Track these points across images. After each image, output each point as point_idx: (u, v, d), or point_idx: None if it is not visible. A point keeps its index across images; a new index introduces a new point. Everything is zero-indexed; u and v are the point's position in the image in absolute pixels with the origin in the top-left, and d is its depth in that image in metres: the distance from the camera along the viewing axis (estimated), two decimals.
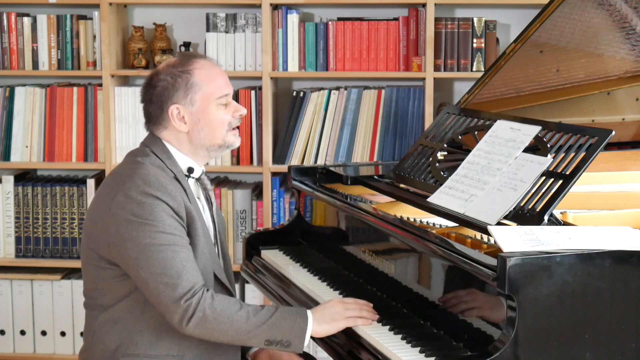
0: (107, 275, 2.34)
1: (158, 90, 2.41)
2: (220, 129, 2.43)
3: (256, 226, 3.99)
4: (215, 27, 3.97)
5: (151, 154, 2.40)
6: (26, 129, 4.03)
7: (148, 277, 2.25)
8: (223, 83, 2.44)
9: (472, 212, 2.40)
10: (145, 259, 2.25)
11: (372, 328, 2.29)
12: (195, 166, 2.46)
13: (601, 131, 2.37)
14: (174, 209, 2.30)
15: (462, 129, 2.79)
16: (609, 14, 2.91)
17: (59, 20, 4.00)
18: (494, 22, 3.90)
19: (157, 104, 2.42)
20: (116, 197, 2.30)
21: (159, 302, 2.26)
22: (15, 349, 4.11)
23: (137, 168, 2.34)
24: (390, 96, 3.94)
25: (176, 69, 2.41)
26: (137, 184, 2.30)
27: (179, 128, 2.41)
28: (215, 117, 2.42)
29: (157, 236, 2.26)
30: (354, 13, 4.06)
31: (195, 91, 2.40)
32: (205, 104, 2.41)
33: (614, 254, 2.01)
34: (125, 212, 2.27)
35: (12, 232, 4.04)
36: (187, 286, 2.24)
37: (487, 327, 2.07)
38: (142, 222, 2.26)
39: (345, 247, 2.79)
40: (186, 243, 2.31)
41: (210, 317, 2.23)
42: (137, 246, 2.26)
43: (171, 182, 2.35)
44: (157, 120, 2.43)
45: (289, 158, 3.96)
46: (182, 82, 2.40)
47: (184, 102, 2.40)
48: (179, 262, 2.26)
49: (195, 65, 2.42)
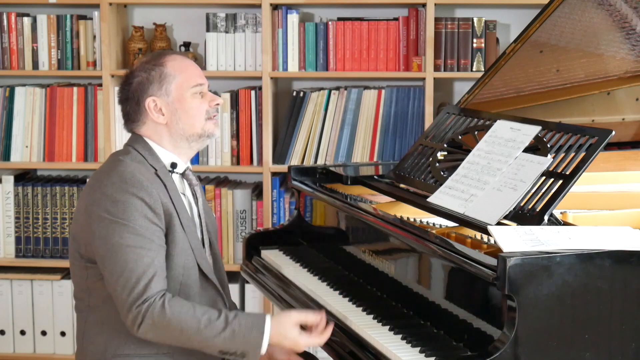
0: (91, 275, 2.35)
1: (133, 86, 2.42)
2: (198, 118, 2.44)
3: (256, 226, 3.99)
4: (215, 27, 3.97)
5: (132, 151, 2.41)
6: (26, 129, 4.03)
7: (109, 276, 2.26)
8: (196, 73, 2.46)
9: (472, 212, 2.40)
10: (109, 258, 2.25)
11: (372, 328, 2.29)
12: (179, 161, 2.46)
13: (601, 131, 2.37)
14: (150, 205, 2.29)
15: (462, 129, 2.79)
16: (609, 14, 2.91)
17: (59, 20, 4.00)
18: (494, 22, 3.90)
19: (133, 100, 2.43)
20: (93, 194, 2.31)
21: (117, 303, 2.26)
22: (15, 349, 4.11)
23: (116, 165, 2.35)
24: (390, 96, 3.94)
25: (149, 64, 2.43)
26: (113, 181, 2.30)
27: (157, 120, 2.42)
28: (191, 105, 2.43)
29: (126, 236, 2.25)
30: (354, 13, 4.06)
31: (170, 81, 2.41)
32: (181, 93, 2.42)
33: (614, 254, 2.01)
34: (99, 209, 2.28)
35: (12, 232, 4.05)
36: (142, 292, 2.22)
37: (487, 327, 2.07)
38: (113, 220, 2.26)
39: (345, 247, 2.79)
40: (156, 247, 2.29)
41: (159, 324, 2.22)
42: (105, 244, 2.26)
43: (149, 178, 2.34)
44: (135, 116, 2.44)
45: (289, 158, 3.96)
46: (155, 74, 2.41)
47: (159, 93, 2.41)
48: (140, 267, 2.24)
49: (167, 59, 2.44)
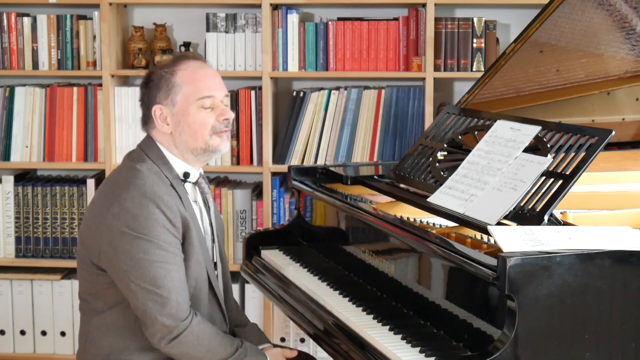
0: (100, 281, 2.34)
1: (147, 90, 2.41)
2: (201, 132, 2.38)
3: (256, 226, 3.99)
4: (215, 27, 3.97)
5: (147, 159, 2.38)
6: (26, 129, 4.03)
7: (138, 291, 2.24)
8: (208, 85, 2.39)
9: (472, 212, 2.40)
10: (137, 273, 2.24)
11: (372, 328, 2.29)
12: (192, 170, 2.43)
13: (601, 131, 2.37)
14: (170, 219, 2.28)
15: (462, 129, 2.79)
16: (609, 14, 2.91)
17: (59, 20, 4.00)
18: (494, 22, 3.90)
19: (145, 104, 2.42)
20: (112, 207, 2.27)
21: (144, 316, 2.26)
22: (15, 349, 4.11)
23: (134, 177, 2.32)
24: (390, 96, 3.94)
25: (162, 70, 2.40)
26: (132, 195, 2.27)
27: (162, 129, 2.39)
28: (195, 119, 2.37)
29: (151, 251, 2.24)
30: (354, 13, 4.06)
31: (176, 92, 2.37)
32: (185, 105, 2.37)
33: (614, 254, 2.01)
34: (120, 223, 2.25)
35: (12, 232, 4.04)
36: (175, 307, 2.24)
37: (487, 327, 2.07)
38: (136, 236, 2.24)
39: (345, 247, 2.79)
40: (180, 260, 2.30)
41: (191, 343, 2.26)
42: (130, 259, 2.24)
43: (167, 191, 2.32)
44: (146, 120, 2.43)
45: (289, 158, 3.96)
46: (164, 82, 2.38)
47: (165, 102, 2.38)
48: (170, 282, 2.25)
49: (180, 66, 2.39)
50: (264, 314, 4.00)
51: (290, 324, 3.99)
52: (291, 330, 4.01)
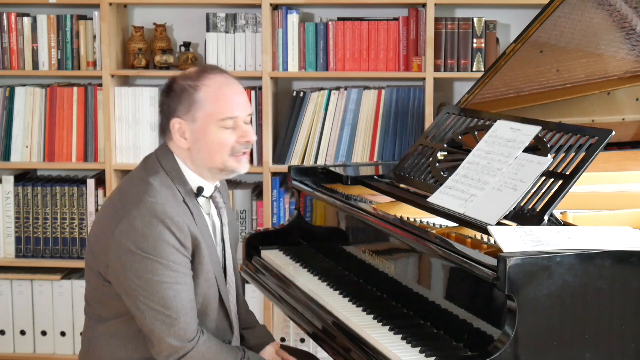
0: (107, 292, 2.31)
1: (167, 99, 2.33)
2: (219, 152, 2.31)
3: (256, 226, 3.99)
4: (215, 27, 3.97)
5: (161, 170, 2.31)
6: (26, 129, 4.03)
7: (146, 310, 2.22)
8: (232, 104, 2.31)
9: (472, 212, 2.40)
10: (145, 293, 2.21)
11: (372, 328, 2.29)
12: (207, 185, 2.37)
13: (601, 131, 2.37)
14: (180, 240, 2.23)
15: (462, 129, 2.79)
16: (609, 14, 2.91)
17: (59, 20, 4.00)
18: (494, 22, 3.90)
19: (164, 114, 2.35)
20: (121, 223, 2.22)
21: (151, 335, 2.24)
22: (15, 349, 4.11)
23: (145, 193, 2.25)
24: (390, 96, 3.94)
25: (186, 82, 2.31)
26: (142, 214, 2.21)
27: (179, 143, 2.32)
28: (214, 139, 2.30)
29: (160, 272, 2.20)
30: (354, 13, 4.06)
31: (198, 108, 2.29)
32: (206, 124, 2.29)
33: (614, 254, 2.01)
34: (128, 241, 2.20)
35: (12, 232, 4.04)
36: (183, 328, 2.23)
37: (487, 327, 2.07)
38: (145, 256, 2.19)
39: (345, 247, 2.79)
40: (189, 280, 2.27)
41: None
42: (139, 279, 2.21)
43: (178, 209, 2.26)
44: (164, 130, 2.36)
45: (289, 158, 3.96)
46: (187, 96, 2.29)
47: (185, 117, 2.30)
48: (179, 303, 2.22)
49: (205, 81, 2.30)
50: (264, 314, 4.00)
51: (290, 324, 3.99)
52: (291, 330, 4.01)
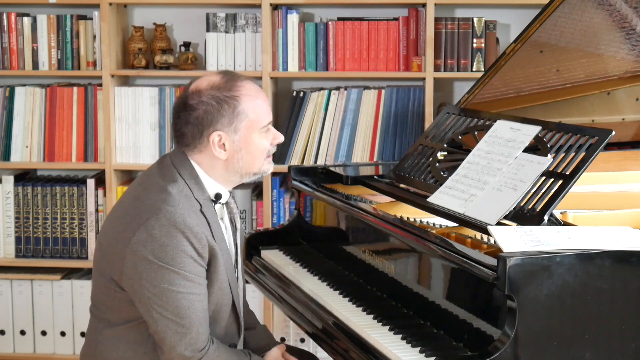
0: (118, 297, 2.30)
1: (199, 112, 2.27)
2: (259, 158, 2.35)
3: (256, 226, 3.99)
4: (215, 27, 3.97)
5: (179, 178, 2.29)
6: (26, 129, 4.03)
7: (159, 318, 2.21)
8: (268, 110, 2.35)
9: (472, 212, 2.40)
10: (160, 302, 2.20)
11: (372, 328, 2.29)
12: (224, 191, 2.37)
13: (601, 131, 2.38)
14: (198, 251, 2.22)
15: (462, 129, 2.79)
16: (609, 14, 2.91)
17: (59, 20, 4.00)
18: (494, 22, 3.90)
19: (196, 127, 2.28)
20: (138, 232, 2.20)
21: (162, 343, 2.24)
22: (15, 349, 4.11)
23: (164, 202, 2.23)
24: (390, 96, 3.94)
25: (222, 93, 2.28)
26: (162, 223, 2.19)
27: (218, 155, 2.30)
28: (257, 147, 2.33)
29: (177, 282, 2.19)
30: (354, 13, 4.06)
31: (241, 119, 2.28)
32: (249, 133, 2.30)
33: (614, 254, 2.01)
34: (145, 250, 2.19)
35: (12, 232, 4.05)
36: (195, 338, 2.23)
37: (487, 327, 2.07)
38: (162, 266, 2.18)
39: (345, 247, 2.79)
40: (204, 289, 2.27)
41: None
42: (154, 287, 2.20)
43: (197, 218, 2.24)
44: (194, 143, 2.30)
45: (289, 158, 3.96)
46: (228, 108, 2.27)
47: (227, 129, 2.28)
48: (193, 313, 2.22)
49: (241, 90, 2.29)
50: (264, 314, 4.00)
51: (290, 324, 3.99)
52: (291, 330, 4.01)
